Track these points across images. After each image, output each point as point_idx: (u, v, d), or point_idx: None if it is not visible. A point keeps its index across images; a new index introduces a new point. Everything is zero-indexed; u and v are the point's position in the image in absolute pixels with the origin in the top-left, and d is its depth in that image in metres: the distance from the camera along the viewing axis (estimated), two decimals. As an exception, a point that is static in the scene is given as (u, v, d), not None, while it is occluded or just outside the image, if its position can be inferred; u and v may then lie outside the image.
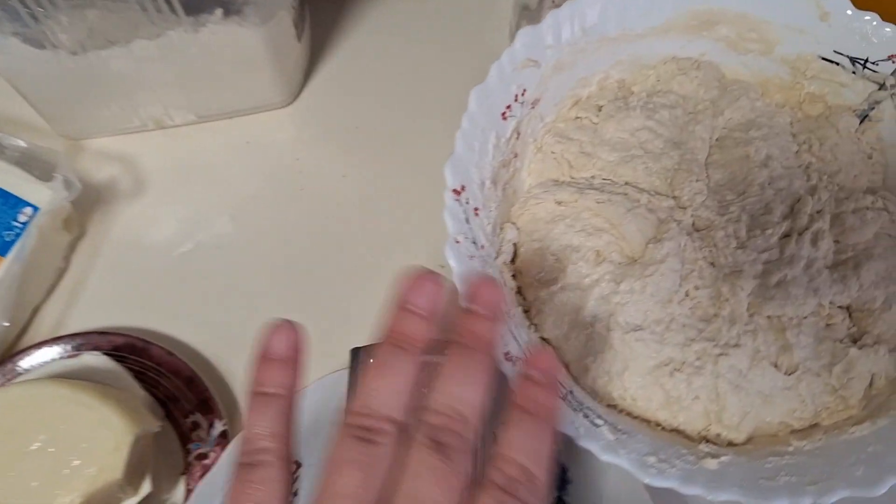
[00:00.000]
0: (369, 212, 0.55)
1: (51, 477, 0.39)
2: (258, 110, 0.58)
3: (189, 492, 0.46)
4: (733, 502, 0.36)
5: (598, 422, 0.39)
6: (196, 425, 0.47)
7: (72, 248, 0.54)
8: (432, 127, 0.56)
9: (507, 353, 0.39)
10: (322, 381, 0.41)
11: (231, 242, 0.54)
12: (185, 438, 0.47)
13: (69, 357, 0.47)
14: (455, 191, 0.43)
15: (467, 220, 0.43)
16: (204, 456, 0.47)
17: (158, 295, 0.52)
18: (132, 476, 0.41)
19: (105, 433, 0.40)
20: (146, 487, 0.43)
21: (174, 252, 0.54)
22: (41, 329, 0.51)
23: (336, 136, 0.58)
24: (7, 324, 0.47)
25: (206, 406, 0.47)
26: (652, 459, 0.37)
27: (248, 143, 0.57)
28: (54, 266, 0.52)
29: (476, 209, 0.44)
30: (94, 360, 0.45)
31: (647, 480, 0.36)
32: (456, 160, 0.43)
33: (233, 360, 0.50)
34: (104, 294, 0.53)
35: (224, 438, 0.47)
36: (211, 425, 0.47)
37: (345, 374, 0.41)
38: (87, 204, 0.54)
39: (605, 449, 0.36)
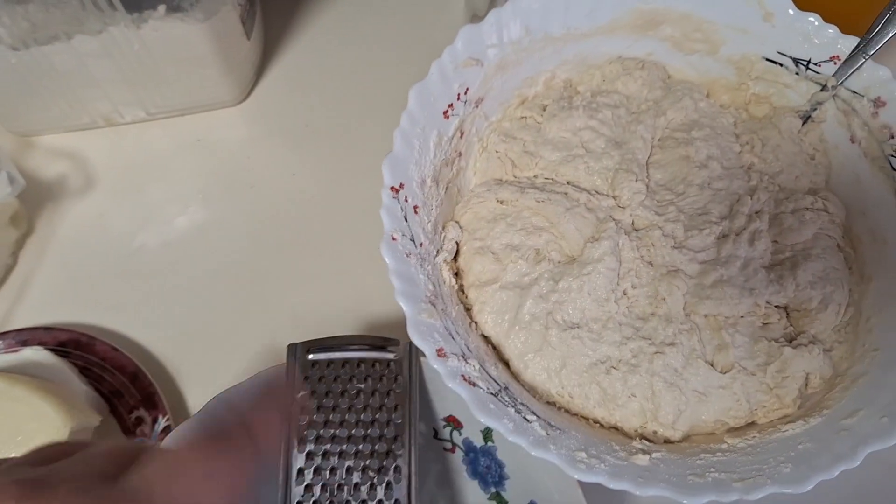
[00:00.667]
0: (317, 210, 0.55)
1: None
2: (209, 108, 0.58)
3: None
4: (661, 498, 0.37)
5: (531, 417, 0.39)
6: (140, 420, 0.47)
7: (19, 244, 0.53)
8: (380, 125, 0.56)
9: (440, 350, 0.39)
10: (259, 376, 0.41)
11: (179, 239, 0.54)
12: (129, 433, 0.47)
13: (10, 352, 0.46)
14: (393, 188, 0.43)
15: (405, 218, 0.43)
16: (145, 453, 0.47)
17: (106, 291, 0.52)
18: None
19: (39, 426, 0.40)
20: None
21: (122, 249, 0.54)
22: (-13, 324, 0.51)
23: (287, 134, 0.58)
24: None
25: (151, 402, 0.47)
26: (582, 455, 0.37)
27: (198, 140, 0.57)
28: (2, 262, 0.52)
29: (416, 207, 0.44)
30: (35, 355, 0.45)
31: (575, 475, 0.36)
32: (394, 158, 0.43)
33: (178, 357, 0.50)
34: (51, 290, 0.52)
35: (166, 433, 0.46)
36: (155, 420, 0.47)
37: (282, 369, 0.41)
38: (35, 201, 0.54)
39: (534, 444, 0.37)
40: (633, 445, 0.40)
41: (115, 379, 0.48)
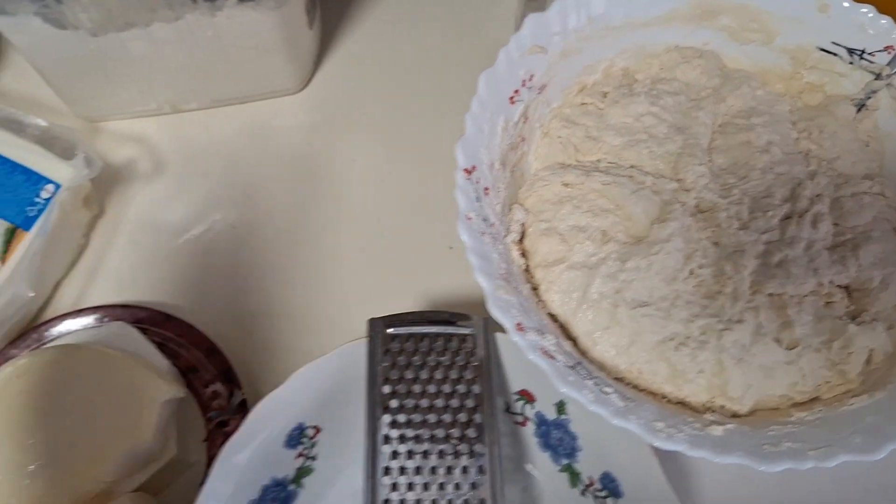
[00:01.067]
0: (380, 194, 0.57)
1: (88, 436, 0.40)
2: (270, 96, 0.60)
3: (211, 457, 0.47)
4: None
5: (608, 390, 0.40)
6: (216, 394, 0.49)
7: (91, 226, 0.55)
8: (438, 112, 0.58)
9: (518, 324, 0.40)
10: (341, 350, 0.43)
11: (246, 222, 0.56)
12: (205, 407, 0.48)
13: (95, 327, 0.48)
14: (466, 170, 0.44)
15: (478, 199, 0.44)
16: (224, 423, 0.48)
17: (176, 272, 0.54)
18: (159, 439, 0.42)
19: (135, 397, 0.41)
20: (171, 450, 0.45)
21: (191, 231, 0.55)
22: (63, 303, 0.52)
23: (345, 121, 0.59)
24: (32, 294, 0.48)
25: (227, 376, 0.49)
26: (660, 425, 0.38)
27: (261, 127, 0.59)
28: (75, 243, 0.54)
29: (486, 189, 0.45)
30: (120, 329, 0.46)
31: (656, 444, 0.37)
32: (466, 141, 0.45)
33: (249, 336, 0.52)
34: (123, 271, 0.54)
35: (243, 407, 0.48)
36: (231, 394, 0.49)
37: (362, 343, 0.43)
38: (105, 184, 0.56)
39: (615, 414, 0.38)
40: (705, 418, 0.42)
41: (191, 354, 0.49)
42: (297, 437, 0.44)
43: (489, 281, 0.41)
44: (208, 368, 0.49)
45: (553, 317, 0.46)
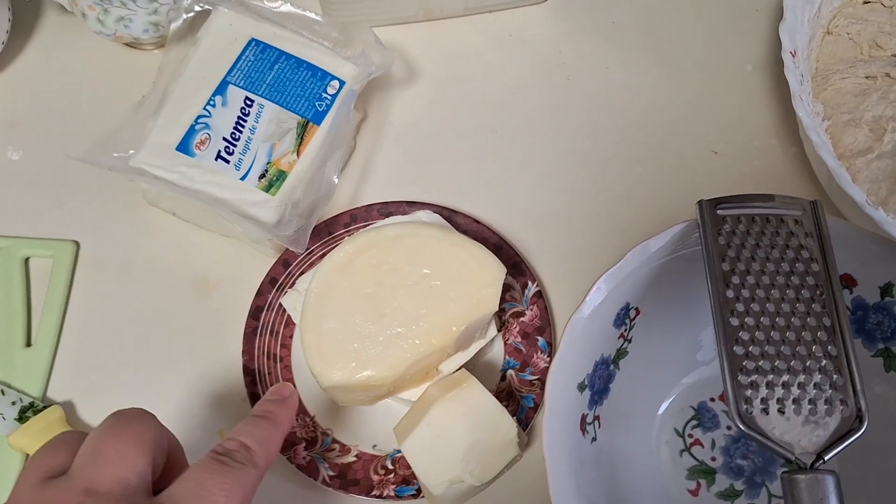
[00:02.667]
0: (638, 100, 0.57)
1: (437, 306, 0.41)
2: (519, 4, 0.60)
3: (507, 344, 0.48)
4: None
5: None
6: (508, 287, 0.49)
7: (358, 129, 0.56)
8: (688, 21, 0.58)
9: (867, 199, 0.41)
10: (671, 230, 0.43)
11: (504, 128, 0.56)
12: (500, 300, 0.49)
13: (403, 216, 0.49)
14: (791, 53, 0.44)
15: (801, 83, 0.45)
16: (520, 314, 0.49)
17: (442, 174, 0.54)
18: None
19: (481, 270, 0.42)
20: (492, 331, 0.46)
21: (451, 135, 0.56)
22: (340, 201, 0.53)
23: (594, 30, 0.60)
24: (337, 180, 0.49)
25: (518, 269, 0.50)
26: None
27: (510, 35, 0.59)
28: (348, 143, 0.54)
29: (802, 75, 0.46)
30: (429, 217, 0.47)
31: None
32: (789, 25, 0.45)
33: (526, 234, 0.52)
34: (391, 172, 0.55)
35: (539, 298, 0.49)
36: (525, 287, 0.49)
37: (690, 225, 0.43)
38: (365, 89, 0.56)
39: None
40: None
41: (480, 248, 0.50)
42: (623, 316, 0.44)
43: (832, 158, 0.41)
44: (499, 261, 0.50)
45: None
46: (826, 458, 0.37)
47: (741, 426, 0.37)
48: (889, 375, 0.45)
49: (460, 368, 0.45)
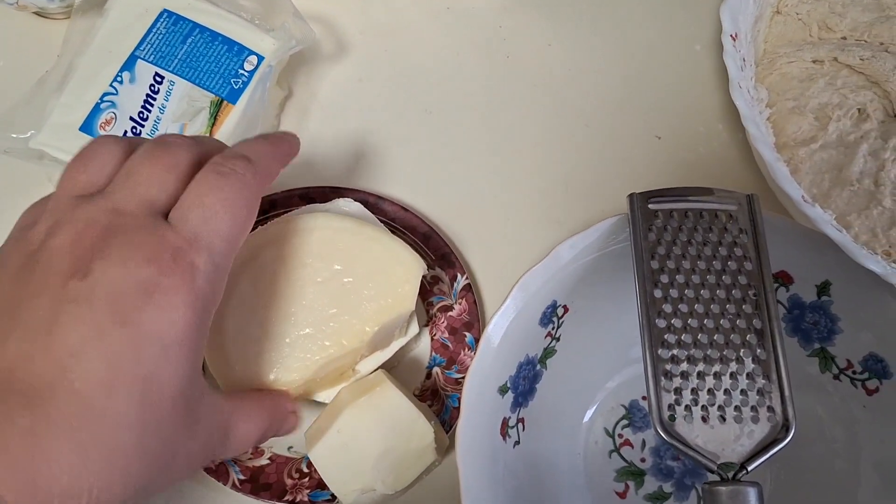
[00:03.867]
0: (579, 80, 0.54)
1: (349, 305, 0.38)
2: (457, -25, 0.56)
3: (433, 340, 0.46)
4: None
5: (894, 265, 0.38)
6: (437, 279, 0.47)
7: (282, 107, 0.52)
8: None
9: (803, 196, 0.39)
10: (599, 226, 0.41)
11: (438, 108, 0.53)
12: (427, 292, 0.47)
13: (323, 202, 0.46)
14: (732, 36, 0.42)
15: (742, 68, 0.42)
16: (448, 308, 0.46)
17: (371, 157, 0.52)
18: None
19: (397, 266, 0.39)
20: (414, 328, 0.43)
21: (382, 115, 0.53)
22: (261, 185, 0.50)
23: (536, 4, 0.56)
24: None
25: (447, 261, 0.47)
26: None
27: (448, 8, 0.56)
28: (270, 123, 0.51)
29: (744, 59, 0.43)
30: (348, 205, 0.44)
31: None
32: (731, 5, 0.42)
33: (459, 223, 0.50)
34: (316, 154, 0.52)
35: (469, 291, 0.46)
36: (453, 279, 0.47)
37: (621, 220, 0.41)
38: (290, 64, 0.53)
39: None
40: None
41: (407, 238, 0.47)
42: (550, 315, 0.42)
43: (770, 151, 0.39)
44: (426, 253, 0.47)
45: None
46: (749, 468, 0.35)
47: (662, 434, 0.36)
48: (824, 376, 0.43)
49: (378, 369, 0.42)
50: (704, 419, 0.36)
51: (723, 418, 0.36)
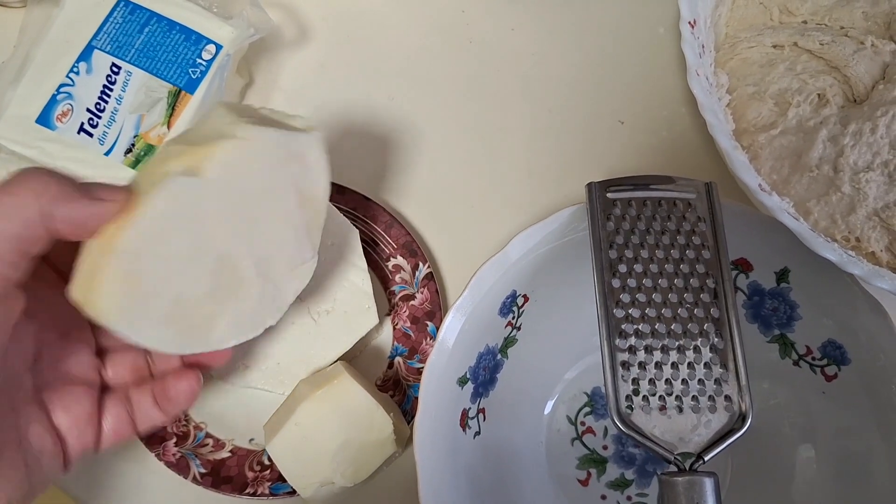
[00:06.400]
0: (543, 66, 0.54)
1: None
2: (420, -42, 0.55)
3: (395, 329, 0.46)
4: None
5: (851, 253, 0.39)
6: (399, 268, 0.47)
7: (242, 95, 0.52)
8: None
9: (761, 185, 0.38)
10: (558, 215, 0.41)
11: (401, 95, 0.53)
12: (388, 280, 0.47)
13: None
14: (691, 23, 0.41)
15: (700, 55, 0.42)
16: (410, 297, 0.46)
17: (334, 147, 0.51)
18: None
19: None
20: (374, 318, 0.43)
21: (343, 102, 0.52)
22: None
23: (502, -12, 0.56)
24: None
25: (409, 250, 0.47)
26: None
27: (410, -8, 0.55)
28: (230, 112, 0.50)
29: (703, 46, 0.43)
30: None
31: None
32: (690, -8, 0.41)
33: (421, 212, 0.50)
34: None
35: (430, 280, 0.46)
36: (415, 268, 0.47)
37: (579, 209, 0.41)
38: (252, 51, 0.52)
39: (870, 275, 0.37)
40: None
41: (369, 228, 0.47)
42: (510, 304, 0.42)
43: (727, 140, 0.39)
44: (388, 242, 0.47)
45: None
46: (706, 458, 0.36)
47: (619, 425, 0.36)
48: (784, 362, 0.44)
49: (338, 360, 0.42)
50: (662, 409, 0.36)
51: (680, 408, 0.36)
